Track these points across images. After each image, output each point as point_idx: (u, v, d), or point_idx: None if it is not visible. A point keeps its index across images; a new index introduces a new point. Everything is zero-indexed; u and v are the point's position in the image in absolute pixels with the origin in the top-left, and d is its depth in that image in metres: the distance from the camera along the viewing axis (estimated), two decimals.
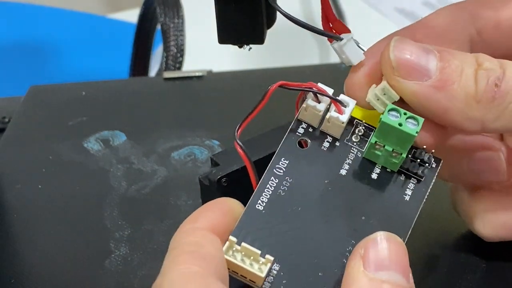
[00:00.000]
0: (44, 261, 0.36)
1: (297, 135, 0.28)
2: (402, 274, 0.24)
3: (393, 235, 0.25)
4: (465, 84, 0.27)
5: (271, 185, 0.27)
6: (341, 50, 0.28)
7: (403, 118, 0.27)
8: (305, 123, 0.28)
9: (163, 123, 0.47)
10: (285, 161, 0.27)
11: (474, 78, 0.27)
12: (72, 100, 0.50)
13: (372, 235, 0.25)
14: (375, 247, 0.25)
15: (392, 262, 0.24)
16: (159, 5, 0.58)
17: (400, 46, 0.27)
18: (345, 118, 0.27)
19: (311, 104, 0.27)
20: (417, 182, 0.28)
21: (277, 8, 0.28)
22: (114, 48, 0.76)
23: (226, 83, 0.52)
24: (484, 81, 0.27)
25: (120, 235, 0.37)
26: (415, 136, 0.27)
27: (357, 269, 0.24)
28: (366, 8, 0.78)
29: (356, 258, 0.25)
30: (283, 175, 0.27)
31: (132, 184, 0.41)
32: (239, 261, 0.25)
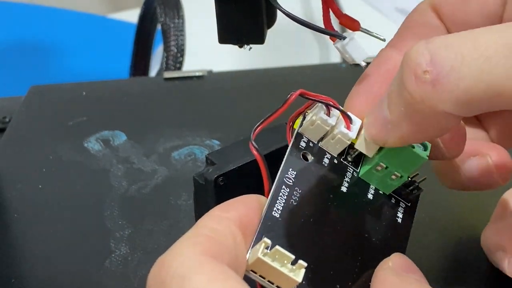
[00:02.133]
0: (44, 261, 0.36)
1: (299, 148, 0.27)
2: (425, 282, 0.26)
3: (405, 256, 0.27)
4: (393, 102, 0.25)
5: (283, 193, 0.26)
6: (344, 49, 0.28)
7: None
8: (305, 137, 0.28)
9: (163, 123, 0.47)
10: (293, 172, 0.27)
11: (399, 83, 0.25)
12: (72, 100, 0.50)
13: (392, 254, 0.27)
14: (400, 259, 0.27)
15: (416, 270, 0.27)
16: (159, 5, 0.58)
17: (367, 125, 0.27)
18: (354, 135, 0.27)
19: (323, 117, 0.27)
20: (405, 206, 0.29)
21: (279, 8, 0.28)
22: (114, 48, 0.76)
23: (226, 83, 0.52)
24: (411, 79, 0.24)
25: (120, 234, 0.37)
26: (425, 159, 0.27)
27: (392, 270, 0.26)
28: (366, 8, 0.78)
29: (385, 265, 0.27)
30: (292, 185, 0.27)
31: (133, 184, 0.41)
32: (274, 263, 0.24)
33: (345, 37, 0.28)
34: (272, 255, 0.24)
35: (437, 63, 0.23)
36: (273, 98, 0.28)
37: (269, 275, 0.24)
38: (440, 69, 0.23)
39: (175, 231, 0.36)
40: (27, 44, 0.77)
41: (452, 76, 0.23)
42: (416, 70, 0.24)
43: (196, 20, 0.65)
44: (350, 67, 0.51)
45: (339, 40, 0.28)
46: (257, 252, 0.24)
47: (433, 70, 0.23)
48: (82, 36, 0.79)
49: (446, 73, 0.23)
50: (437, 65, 0.23)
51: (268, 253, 0.24)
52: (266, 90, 0.50)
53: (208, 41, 0.42)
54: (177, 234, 0.23)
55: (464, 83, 0.23)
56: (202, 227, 0.24)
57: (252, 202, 0.25)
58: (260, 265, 0.24)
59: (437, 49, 0.24)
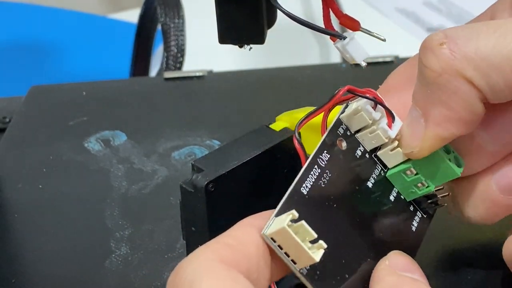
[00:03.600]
0: (44, 261, 0.36)
1: (337, 134, 0.28)
2: (425, 280, 0.26)
3: (405, 254, 0.27)
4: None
5: (314, 173, 0.26)
6: (344, 49, 0.28)
7: (452, 155, 0.27)
8: (344, 124, 0.28)
9: (164, 123, 0.47)
10: (327, 154, 0.27)
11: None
12: (72, 100, 0.50)
13: (390, 252, 0.27)
14: (399, 257, 0.27)
15: (415, 268, 0.26)
16: (159, 5, 0.58)
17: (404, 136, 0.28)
18: (393, 134, 0.27)
19: (369, 109, 0.27)
20: (421, 217, 0.29)
21: (279, 8, 0.28)
22: (115, 48, 0.76)
23: (226, 83, 0.52)
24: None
25: (120, 235, 0.37)
26: (458, 176, 0.27)
27: (389, 270, 0.26)
28: (366, 8, 0.78)
29: (383, 264, 0.26)
30: (324, 167, 0.27)
31: (133, 184, 0.41)
32: (296, 235, 0.24)
33: (345, 37, 0.28)
34: (296, 229, 0.24)
35: (453, 36, 0.24)
36: (273, 98, 0.28)
37: (288, 247, 0.24)
38: (457, 39, 0.24)
39: (175, 231, 0.36)
40: (27, 44, 0.77)
41: (469, 45, 0.24)
42: (432, 46, 0.25)
43: (196, 20, 0.65)
44: (350, 67, 0.51)
45: (339, 40, 0.28)
46: (283, 222, 0.23)
47: (449, 41, 0.24)
48: (82, 36, 0.79)
49: (463, 43, 0.24)
50: (453, 37, 0.24)
51: (293, 226, 0.24)
52: (266, 90, 0.50)
53: (208, 41, 0.42)
54: (178, 234, 0.23)
55: (482, 51, 0.24)
56: (226, 235, 0.24)
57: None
58: (282, 235, 0.24)
59: (453, 29, 0.24)
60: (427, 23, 0.73)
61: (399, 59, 0.52)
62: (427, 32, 0.71)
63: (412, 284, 0.26)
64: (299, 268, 0.24)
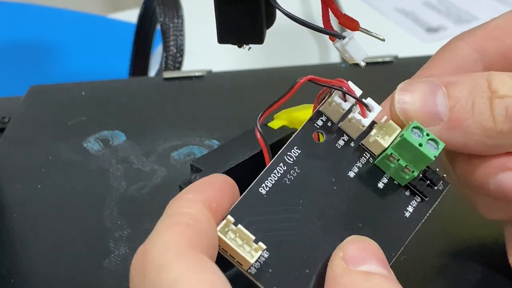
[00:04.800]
0: (44, 261, 0.36)
1: (314, 127, 0.27)
2: (382, 266, 0.25)
3: (364, 237, 0.26)
4: (480, 118, 0.26)
5: (279, 171, 0.26)
6: (344, 49, 0.28)
7: (424, 138, 0.26)
8: (325, 116, 0.28)
9: (163, 123, 0.47)
10: (297, 150, 0.27)
11: (489, 109, 0.26)
12: (71, 100, 0.50)
13: (343, 242, 0.26)
14: (352, 247, 0.25)
15: (370, 256, 0.25)
16: (158, 5, 0.58)
17: (403, 96, 0.27)
18: (367, 122, 0.27)
19: (337, 101, 0.27)
20: (420, 201, 0.28)
21: (278, 7, 0.28)
22: (114, 48, 0.76)
23: (225, 83, 0.52)
24: (502, 112, 0.26)
25: (119, 235, 0.37)
26: (433, 160, 0.27)
27: (342, 266, 0.25)
28: (366, 8, 0.78)
29: (337, 259, 0.25)
30: (292, 163, 0.27)
31: (132, 184, 0.41)
32: (232, 241, 0.25)
33: (344, 36, 0.28)
34: (235, 233, 0.25)
35: None
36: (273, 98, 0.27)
37: (229, 251, 0.25)
38: None
39: None
40: (26, 44, 0.77)
41: None
42: (509, 108, 0.25)
43: (196, 20, 0.65)
44: (350, 67, 0.51)
45: (338, 39, 0.28)
46: (217, 228, 0.25)
47: None
48: (82, 36, 0.79)
49: None
50: None
51: (231, 230, 0.25)
52: (266, 90, 0.50)
53: (207, 41, 0.42)
54: None
55: None
56: (179, 214, 0.24)
57: (219, 182, 0.26)
58: (222, 241, 0.25)
59: None
60: (427, 23, 0.73)
61: (399, 59, 0.52)
62: (426, 32, 0.71)
63: (365, 281, 0.24)
64: (245, 269, 0.25)
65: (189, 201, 0.25)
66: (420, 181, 0.28)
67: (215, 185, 0.25)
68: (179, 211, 0.24)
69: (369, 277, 0.24)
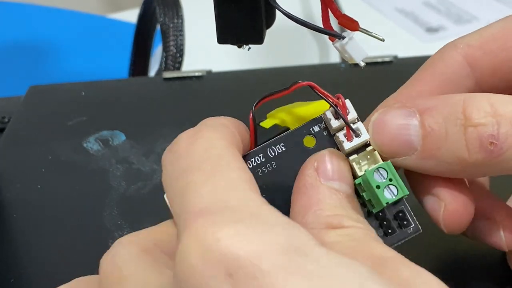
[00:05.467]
0: (43, 261, 0.36)
1: (309, 131, 0.27)
2: (349, 185, 0.26)
3: (336, 151, 0.26)
4: (453, 147, 0.25)
5: (256, 160, 0.26)
6: (343, 49, 0.28)
7: (385, 182, 0.26)
8: (324, 124, 0.27)
9: (163, 123, 0.47)
10: (282, 147, 0.27)
11: (463, 139, 0.25)
12: (71, 100, 0.50)
13: (320, 151, 0.26)
14: (325, 160, 0.26)
15: (340, 174, 0.25)
16: (158, 5, 0.58)
17: (378, 128, 0.27)
18: (348, 146, 0.26)
19: (328, 116, 0.27)
20: (383, 235, 0.27)
21: (278, 8, 0.28)
22: (114, 48, 0.76)
23: (225, 83, 0.52)
24: (475, 142, 0.25)
25: (119, 235, 0.37)
26: (384, 206, 0.26)
27: (314, 177, 0.25)
28: (366, 8, 0.78)
29: (310, 168, 0.25)
30: (271, 158, 0.27)
31: (132, 184, 0.41)
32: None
33: (344, 36, 0.28)
34: None
35: (502, 138, 0.24)
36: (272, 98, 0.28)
37: None
38: (505, 145, 0.24)
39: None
40: (26, 44, 0.77)
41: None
42: (482, 137, 0.25)
43: (195, 20, 0.65)
44: (349, 67, 0.51)
45: (338, 39, 0.28)
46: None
47: (497, 144, 0.24)
48: (81, 36, 0.79)
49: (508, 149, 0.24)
50: (502, 141, 0.24)
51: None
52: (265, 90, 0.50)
53: (207, 41, 0.42)
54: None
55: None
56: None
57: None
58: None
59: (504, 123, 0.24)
60: (427, 23, 0.73)
61: (398, 59, 0.52)
62: (426, 32, 0.71)
63: (331, 198, 0.25)
64: None
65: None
66: (388, 216, 0.27)
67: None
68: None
69: (336, 194, 0.25)
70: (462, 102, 0.25)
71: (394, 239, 0.27)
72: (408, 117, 0.26)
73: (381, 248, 0.23)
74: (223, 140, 0.24)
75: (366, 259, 0.22)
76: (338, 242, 0.23)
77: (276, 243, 0.19)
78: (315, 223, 0.24)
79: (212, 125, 0.25)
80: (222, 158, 0.23)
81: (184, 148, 0.24)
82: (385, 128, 0.27)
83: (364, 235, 0.24)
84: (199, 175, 0.22)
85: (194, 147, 0.24)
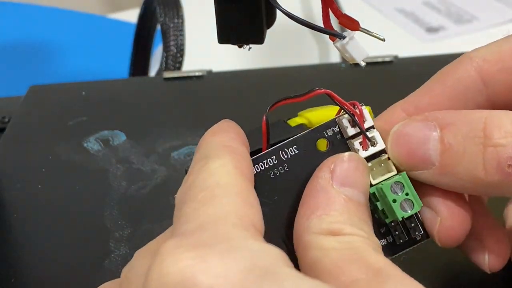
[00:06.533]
0: (44, 261, 0.36)
1: (323, 134, 0.27)
2: (363, 193, 0.25)
3: (358, 156, 0.26)
4: (470, 166, 0.25)
5: (268, 162, 0.26)
6: (344, 49, 0.28)
7: (401, 196, 0.26)
8: (338, 127, 0.27)
9: (163, 122, 0.47)
10: (295, 150, 0.26)
11: (481, 158, 0.25)
12: (72, 100, 0.50)
13: (340, 154, 0.26)
14: (343, 165, 0.25)
15: (356, 181, 0.25)
16: (159, 5, 0.58)
17: (397, 140, 0.26)
18: (364, 155, 0.26)
19: (344, 123, 0.27)
20: (392, 241, 0.27)
21: (279, 7, 0.28)
22: (114, 48, 0.76)
23: (226, 83, 0.52)
24: (493, 162, 0.24)
25: (120, 234, 0.37)
26: (399, 220, 0.26)
27: (327, 180, 0.25)
28: (366, 8, 0.78)
29: (326, 170, 0.25)
30: (284, 160, 0.26)
31: (132, 184, 0.41)
32: None
33: (344, 36, 0.28)
34: None
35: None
36: (273, 98, 0.27)
37: None
38: None
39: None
40: (26, 44, 0.77)
41: None
42: (501, 159, 0.24)
43: (196, 20, 0.65)
44: (350, 67, 0.51)
45: (338, 39, 0.28)
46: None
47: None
48: (82, 36, 0.79)
49: None
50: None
51: None
52: (266, 90, 0.50)
53: (207, 41, 0.42)
54: None
55: None
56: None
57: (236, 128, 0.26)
58: None
59: None
60: (427, 23, 0.73)
61: (399, 59, 0.52)
62: (426, 32, 0.71)
63: (342, 205, 0.25)
64: None
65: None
66: (397, 226, 0.27)
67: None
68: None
69: (346, 202, 0.25)
70: (483, 119, 0.25)
71: (403, 246, 0.27)
72: (429, 131, 0.26)
73: (378, 259, 0.23)
74: (225, 167, 0.24)
75: (360, 268, 0.22)
76: (335, 249, 0.23)
77: (239, 266, 0.19)
78: (317, 228, 0.24)
79: (215, 151, 0.25)
80: (219, 186, 0.23)
81: (191, 180, 0.24)
82: (404, 141, 0.26)
83: (363, 243, 0.23)
84: (192, 205, 0.23)
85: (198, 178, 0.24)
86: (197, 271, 0.19)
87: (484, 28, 0.71)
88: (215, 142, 0.25)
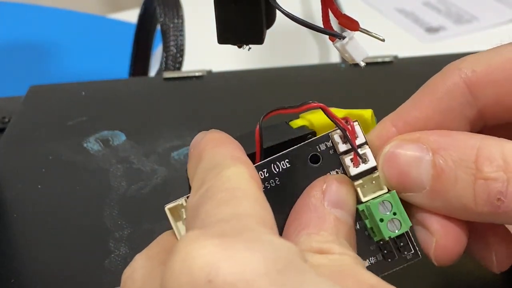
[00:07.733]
0: (44, 261, 0.36)
1: (315, 148, 0.27)
2: (351, 215, 0.26)
3: (349, 180, 0.26)
4: (460, 194, 0.25)
5: (260, 175, 0.26)
6: (344, 49, 0.28)
7: (389, 216, 0.26)
8: (331, 142, 0.27)
9: (163, 123, 0.47)
10: (287, 164, 0.26)
11: (472, 189, 0.25)
12: (72, 100, 0.50)
13: (331, 176, 0.26)
14: (335, 186, 0.26)
15: (345, 204, 0.26)
16: (159, 5, 0.58)
17: (388, 161, 0.26)
18: (354, 172, 0.26)
19: (336, 139, 0.27)
20: (382, 259, 0.27)
21: (278, 8, 0.28)
22: (114, 48, 0.76)
23: (225, 83, 0.52)
24: (483, 196, 0.25)
25: (120, 235, 0.37)
26: (387, 239, 0.26)
27: (319, 200, 0.25)
28: (366, 8, 0.78)
29: (318, 190, 0.26)
30: (275, 174, 0.26)
31: (132, 184, 0.41)
32: (172, 220, 0.29)
33: (344, 36, 0.28)
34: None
35: (510, 196, 0.24)
36: (273, 98, 0.28)
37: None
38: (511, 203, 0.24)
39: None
40: (26, 44, 0.77)
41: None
42: (491, 192, 0.25)
43: (196, 20, 0.65)
44: (350, 67, 0.51)
45: (338, 39, 0.28)
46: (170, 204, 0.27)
47: (504, 202, 0.24)
48: (82, 36, 0.79)
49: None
50: (510, 199, 0.24)
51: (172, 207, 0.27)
52: (266, 90, 0.50)
53: (207, 41, 0.42)
54: None
55: None
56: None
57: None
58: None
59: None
60: (427, 23, 0.73)
61: (399, 59, 0.52)
62: (426, 32, 0.71)
63: (331, 224, 0.25)
64: None
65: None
66: (388, 244, 0.27)
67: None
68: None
69: (336, 222, 0.25)
70: (476, 150, 0.25)
71: (393, 264, 0.27)
72: (421, 154, 0.26)
73: (370, 276, 0.22)
74: (242, 175, 0.23)
75: (354, 283, 0.22)
76: (324, 266, 0.23)
77: (264, 255, 0.19)
78: (306, 245, 0.24)
79: (226, 161, 0.24)
80: (239, 190, 0.23)
81: (207, 186, 0.24)
82: (395, 162, 0.26)
83: (353, 262, 0.24)
84: (212, 203, 0.23)
85: (215, 184, 0.23)
86: (221, 258, 0.19)
87: (484, 28, 0.70)
88: (223, 153, 0.24)
